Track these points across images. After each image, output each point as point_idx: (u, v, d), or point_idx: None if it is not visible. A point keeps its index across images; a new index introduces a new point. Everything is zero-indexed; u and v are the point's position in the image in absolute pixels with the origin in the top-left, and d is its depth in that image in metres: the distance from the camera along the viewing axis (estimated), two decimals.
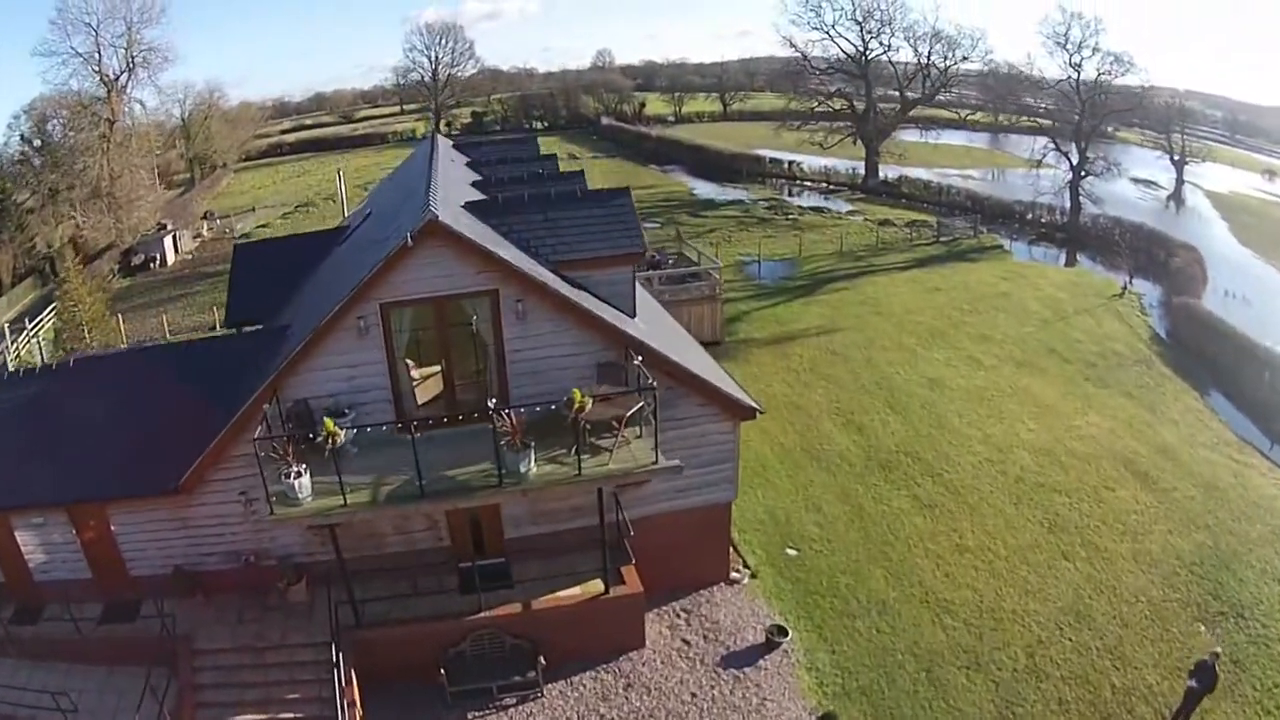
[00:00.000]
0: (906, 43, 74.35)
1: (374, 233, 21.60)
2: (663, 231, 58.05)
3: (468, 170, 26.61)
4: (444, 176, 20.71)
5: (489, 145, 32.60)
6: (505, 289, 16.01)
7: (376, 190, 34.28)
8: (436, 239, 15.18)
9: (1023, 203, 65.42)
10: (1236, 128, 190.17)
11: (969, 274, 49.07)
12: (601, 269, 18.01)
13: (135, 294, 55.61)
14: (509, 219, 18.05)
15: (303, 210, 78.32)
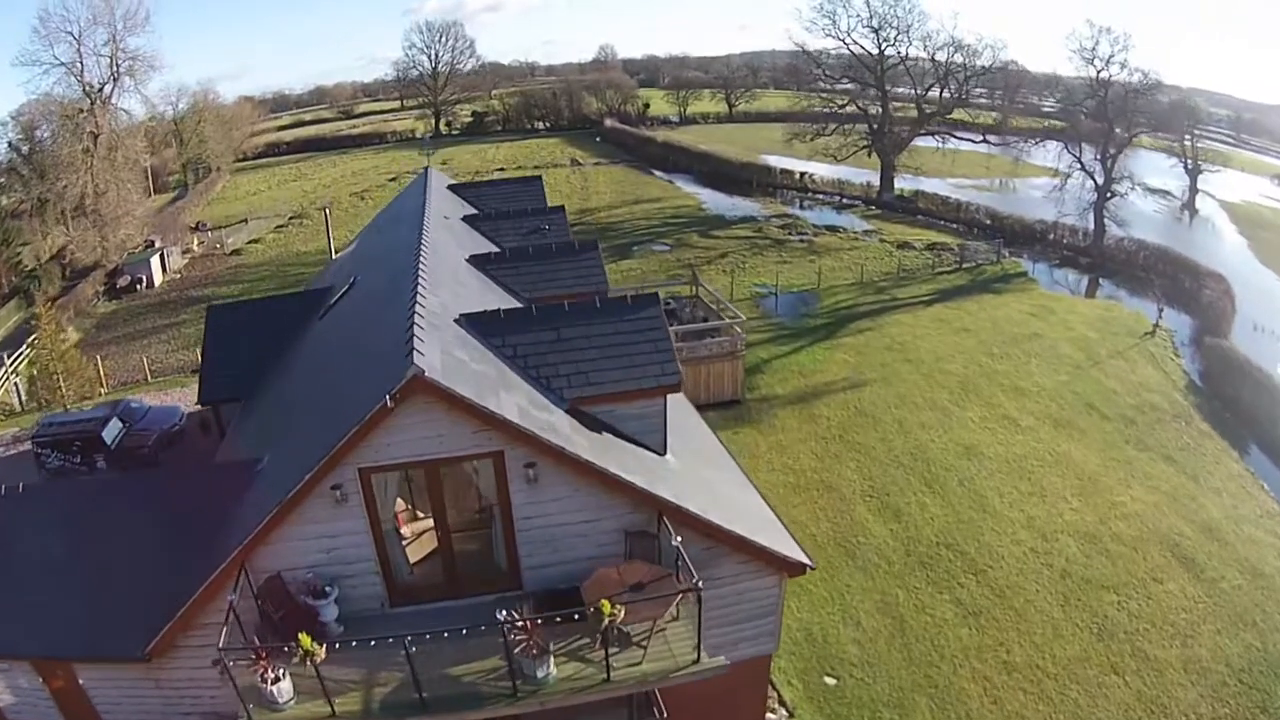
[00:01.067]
0: (924, 52, 71.39)
1: (355, 326, 18.98)
2: (673, 258, 55.53)
3: (465, 230, 23.92)
4: (434, 256, 18.06)
5: (488, 186, 29.89)
6: (512, 450, 13.39)
7: (364, 238, 31.49)
8: (423, 396, 12.55)
9: (1044, 222, 62.65)
10: (1241, 127, 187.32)
11: (996, 309, 46.50)
12: (628, 402, 15.34)
13: (119, 321, 53.09)
14: (514, 339, 15.33)
15: (296, 223, 75.67)
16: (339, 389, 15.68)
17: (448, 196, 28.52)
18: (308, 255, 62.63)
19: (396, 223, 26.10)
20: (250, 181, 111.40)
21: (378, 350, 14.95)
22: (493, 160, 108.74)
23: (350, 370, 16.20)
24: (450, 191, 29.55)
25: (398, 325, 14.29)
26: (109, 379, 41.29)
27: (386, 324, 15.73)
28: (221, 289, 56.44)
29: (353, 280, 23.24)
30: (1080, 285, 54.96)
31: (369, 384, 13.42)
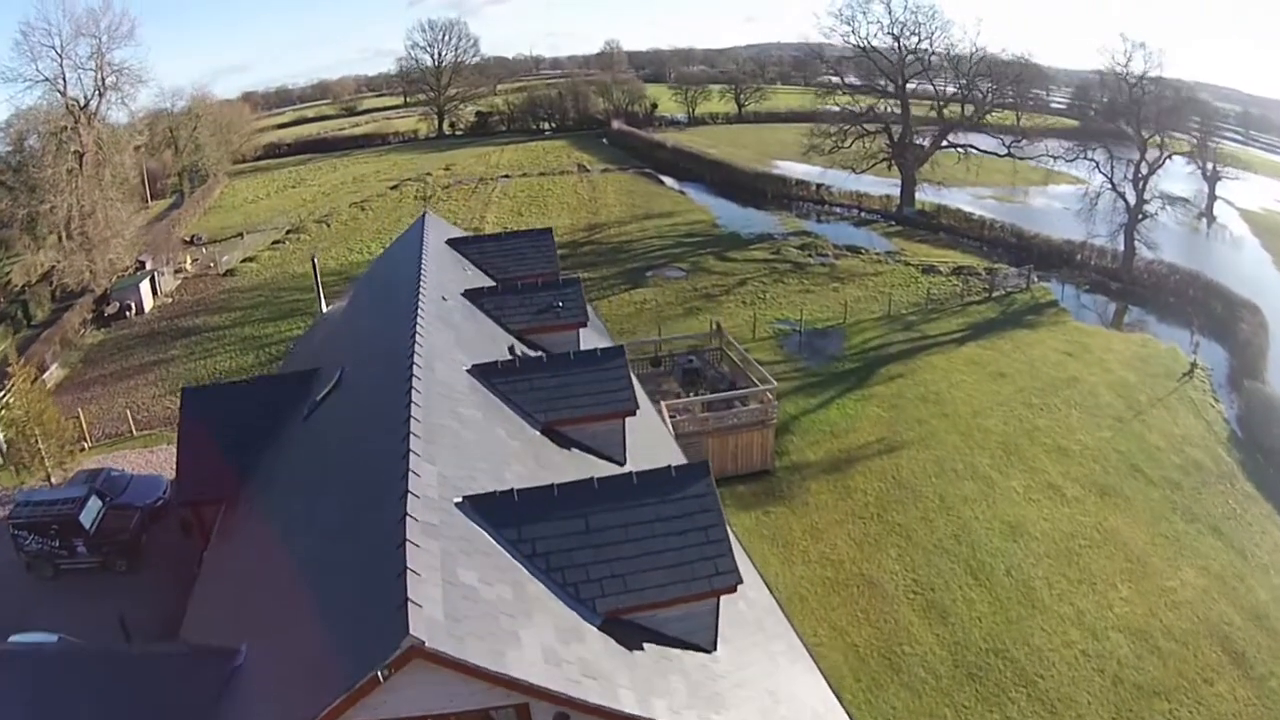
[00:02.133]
0: (946, 62, 68.11)
1: (342, 458, 16.21)
2: (689, 286, 52.65)
3: (466, 314, 21.10)
4: (428, 375, 15.31)
5: (492, 242, 27.05)
6: (538, 702, 10.60)
7: (354, 305, 28.49)
8: (421, 662, 9.75)
9: (1071, 242, 59.86)
10: (1250, 123, 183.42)
11: (1031, 347, 43.84)
12: (673, 607, 12.51)
13: (107, 354, 50.32)
14: (532, 531, 12.41)
15: (293, 238, 72.76)
16: (322, 577, 12.92)
17: (446, 257, 25.68)
18: (303, 279, 59.77)
19: (388, 298, 23.27)
20: (249, 187, 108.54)
21: (366, 536, 12.14)
22: (497, 165, 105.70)
23: (336, 543, 13.40)
24: (449, 247, 26.66)
25: (386, 511, 11.52)
26: (91, 431, 38.55)
27: (374, 482, 13.01)
28: (213, 318, 53.79)
29: (339, 376, 20.43)
30: (1111, 312, 52.59)
31: (355, 622, 10.65)
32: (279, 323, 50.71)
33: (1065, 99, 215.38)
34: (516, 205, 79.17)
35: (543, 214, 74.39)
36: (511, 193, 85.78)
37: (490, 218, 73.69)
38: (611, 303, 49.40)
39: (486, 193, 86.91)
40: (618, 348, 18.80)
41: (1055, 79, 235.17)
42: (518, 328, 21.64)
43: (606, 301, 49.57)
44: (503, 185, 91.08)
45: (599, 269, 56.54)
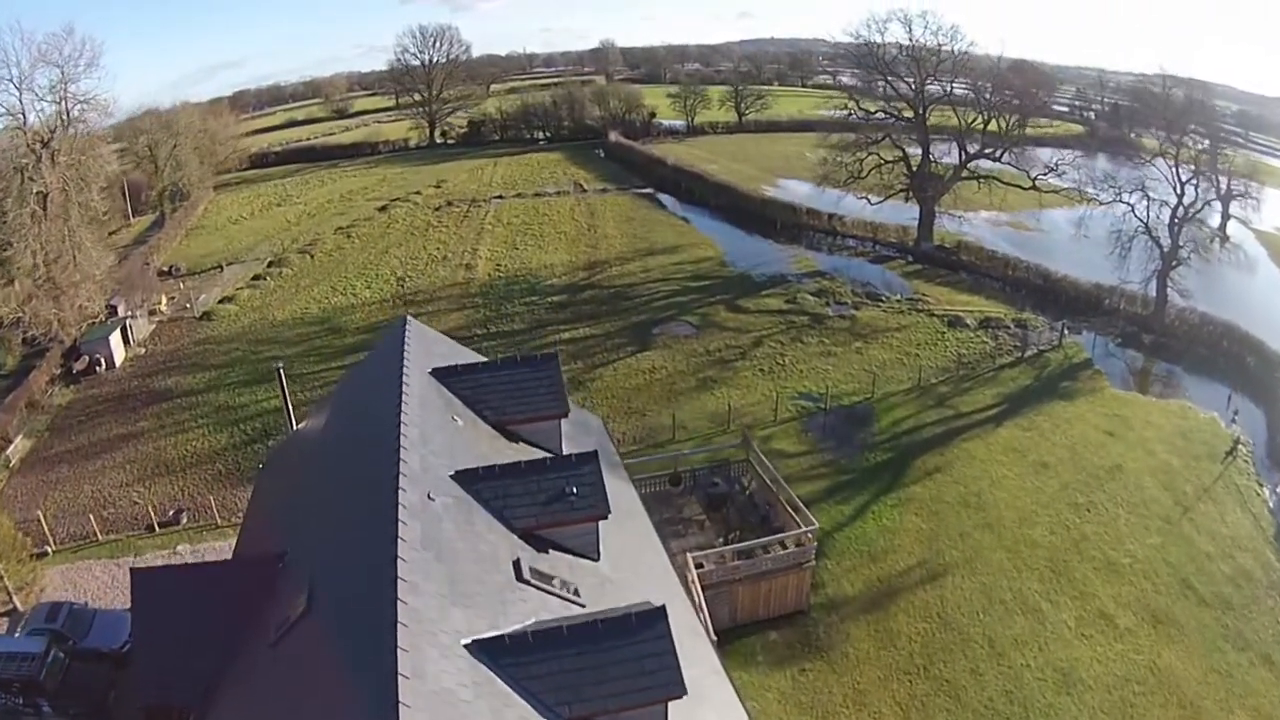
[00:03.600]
0: (970, 90, 64.38)
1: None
2: (700, 347, 48.84)
3: (459, 514, 17.35)
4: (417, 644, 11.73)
5: (487, 374, 23.04)
6: None
7: (327, 448, 24.41)
8: None
9: (1100, 286, 56.67)
10: (1248, 123, 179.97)
11: (1070, 426, 40.74)
12: None
13: (75, 420, 46.46)
14: None
15: (275, 272, 68.70)
16: None
17: (431, 401, 21.72)
18: (283, 328, 56.13)
19: (362, 465, 19.48)
20: (233, 203, 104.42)
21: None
22: (489, 183, 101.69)
23: None
24: (435, 383, 22.70)
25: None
26: (55, 531, 35.00)
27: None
28: (186, 378, 49.94)
29: (308, 595, 16.61)
30: (1146, 373, 49.49)
31: None
32: (255, 389, 46.89)
33: (1064, 98, 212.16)
34: (510, 234, 75.22)
35: (539, 246, 70.55)
36: (505, 218, 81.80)
37: (483, 252, 69.76)
38: (617, 371, 45.67)
39: (479, 218, 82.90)
40: (658, 611, 14.68)
41: (1053, 77, 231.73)
42: (525, 523, 17.86)
43: (611, 370, 45.85)
44: (496, 208, 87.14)
45: (601, 322, 52.77)
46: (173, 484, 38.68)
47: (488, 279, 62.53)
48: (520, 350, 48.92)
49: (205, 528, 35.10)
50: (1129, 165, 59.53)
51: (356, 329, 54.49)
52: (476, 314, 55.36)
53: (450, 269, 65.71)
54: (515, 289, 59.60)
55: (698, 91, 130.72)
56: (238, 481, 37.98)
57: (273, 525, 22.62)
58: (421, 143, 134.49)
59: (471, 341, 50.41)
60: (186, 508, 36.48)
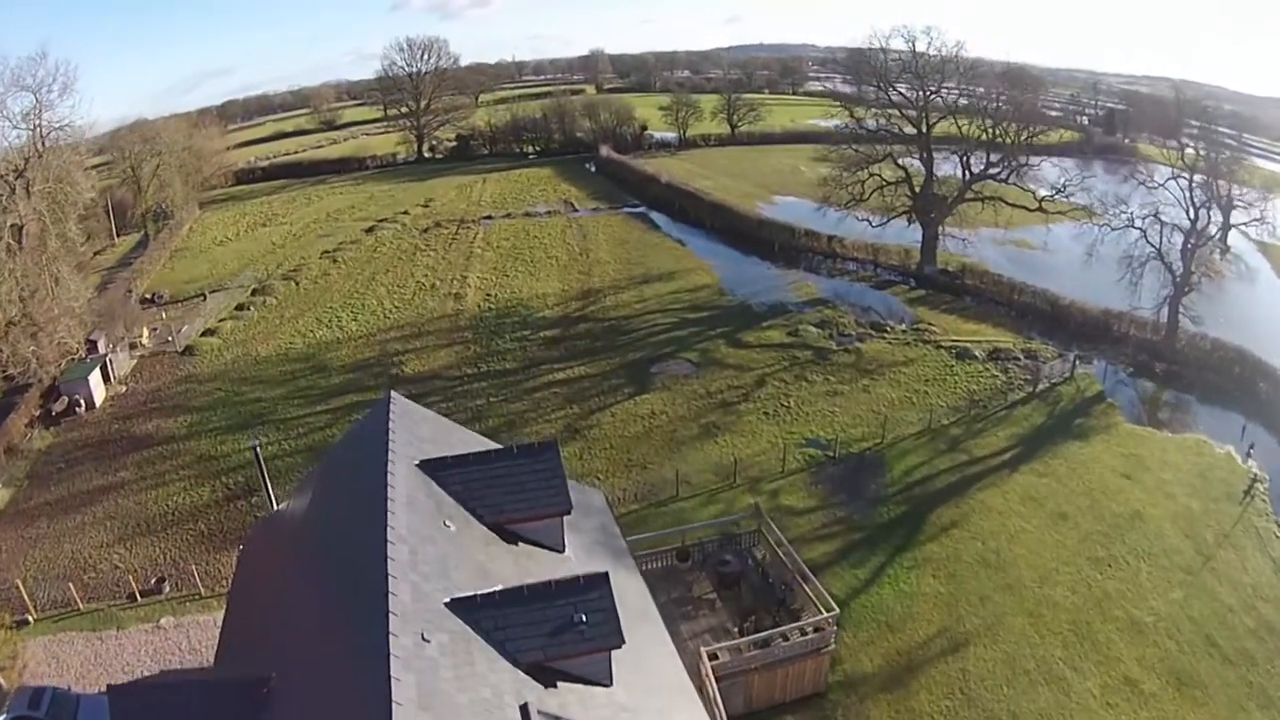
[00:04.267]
0: (974, 106, 62.85)
1: None
2: (702, 388, 47.05)
3: (452, 650, 15.55)
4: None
5: (478, 467, 21.15)
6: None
7: (307, 547, 22.51)
8: None
9: (1110, 313, 55.45)
10: (1241, 125, 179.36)
11: (1087, 469, 39.25)
12: None
13: (54, 467, 44.54)
14: None
15: (259, 301, 66.73)
16: None
17: (421, 502, 19.85)
18: (266, 366, 54.23)
19: (345, 580, 17.67)
20: (219, 222, 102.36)
21: None
22: (479, 201, 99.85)
23: None
24: (423, 477, 20.85)
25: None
26: (35, 596, 33.24)
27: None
28: (168, 421, 47.96)
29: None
30: (1159, 405, 48.17)
31: None
32: (237, 436, 44.97)
33: (1058, 102, 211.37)
34: (501, 260, 73.37)
35: (530, 273, 68.72)
36: (494, 241, 79.97)
37: (473, 279, 67.89)
38: (615, 416, 43.84)
39: (468, 240, 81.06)
40: None
41: (1043, 81, 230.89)
42: (530, 657, 16.09)
43: (609, 415, 44.01)
44: (485, 229, 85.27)
45: (597, 359, 50.97)
46: (154, 545, 36.84)
47: (477, 310, 60.66)
48: (513, 392, 47.16)
49: (188, 598, 33.30)
50: (1135, 181, 57.51)
51: (342, 367, 52.57)
52: (466, 350, 53.46)
53: (439, 299, 63.81)
54: (506, 322, 57.74)
55: (690, 104, 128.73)
56: (220, 544, 36.17)
57: (255, 637, 20.81)
58: (410, 157, 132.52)
59: (462, 383, 48.74)
60: (169, 575, 34.67)
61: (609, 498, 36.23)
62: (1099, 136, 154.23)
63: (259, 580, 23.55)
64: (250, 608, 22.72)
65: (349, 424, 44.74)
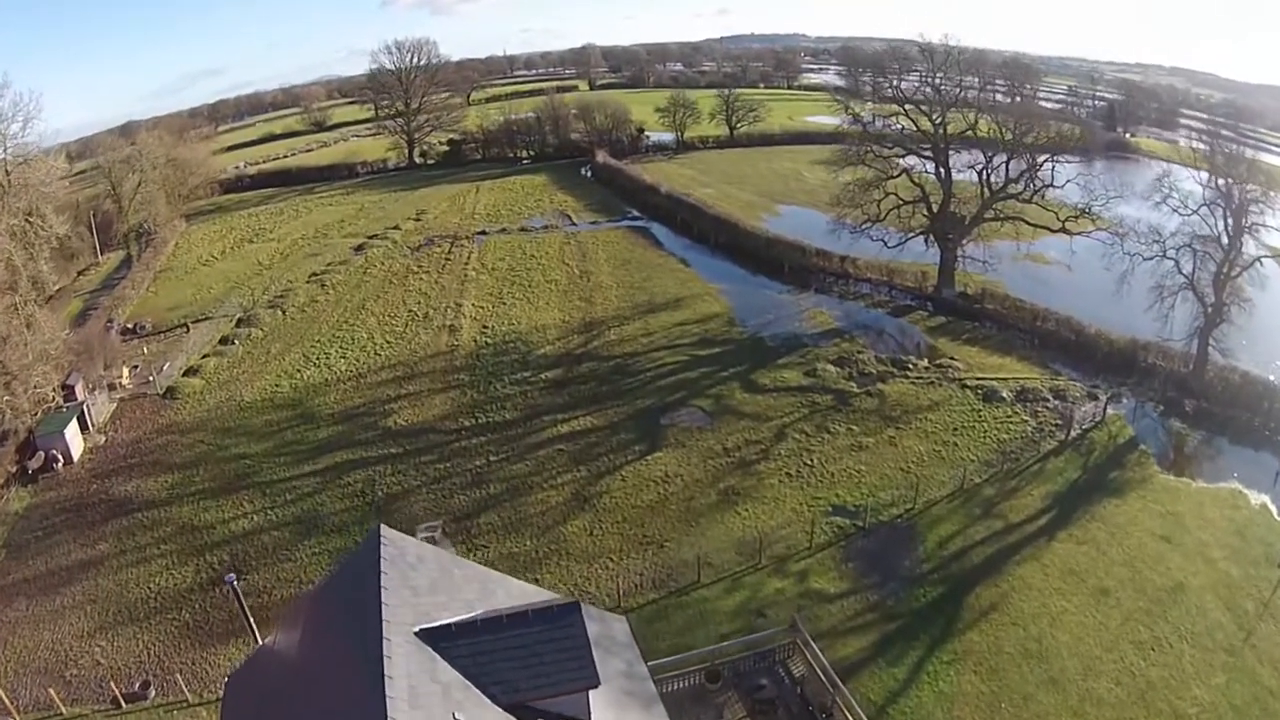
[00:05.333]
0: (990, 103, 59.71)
1: None
2: (717, 443, 44.08)
3: None
4: None
5: (488, 634, 18.07)
6: None
7: (294, 699, 19.52)
8: None
9: (1136, 342, 52.91)
10: (1239, 115, 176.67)
11: (1125, 534, 36.67)
12: None
13: (30, 538, 41.30)
14: None
15: (244, 334, 63.62)
16: None
17: (424, 681, 16.86)
18: (250, 413, 51.26)
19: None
20: (204, 238, 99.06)
21: None
22: (472, 214, 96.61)
23: None
24: (425, 649, 17.83)
25: None
26: (14, 698, 30.77)
27: None
28: (148, 482, 45.08)
29: None
30: (1191, 449, 45.40)
31: None
32: (221, 502, 42.12)
33: (1058, 92, 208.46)
34: (498, 284, 70.20)
35: (528, 301, 65.60)
36: (490, 262, 76.78)
37: (468, 308, 64.74)
38: (626, 480, 40.84)
39: (461, 260, 77.89)
40: None
41: (1039, 69, 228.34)
42: None
43: (619, 479, 41.01)
44: (479, 248, 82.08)
45: (604, 408, 47.93)
46: (137, 636, 34.10)
47: (474, 346, 57.55)
48: (515, 449, 44.16)
49: (175, 705, 30.56)
50: (1163, 204, 54.45)
51: (331, 416, 49.51)
52: (463, 396, 50.38)
53: (432, 332, 60.68)
54: (505, 361, 54.63)
55: (687, 104, 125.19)
56: (206, 639, 33.45)
57: None
58: (401, 163, 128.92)
59: (459, 437, 45.76)
60: (154, 677, 31.95)
61: (622, 586, 33.53)
62: (1100, 131, 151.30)
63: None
64: None
65: (339, 490, 41.90)
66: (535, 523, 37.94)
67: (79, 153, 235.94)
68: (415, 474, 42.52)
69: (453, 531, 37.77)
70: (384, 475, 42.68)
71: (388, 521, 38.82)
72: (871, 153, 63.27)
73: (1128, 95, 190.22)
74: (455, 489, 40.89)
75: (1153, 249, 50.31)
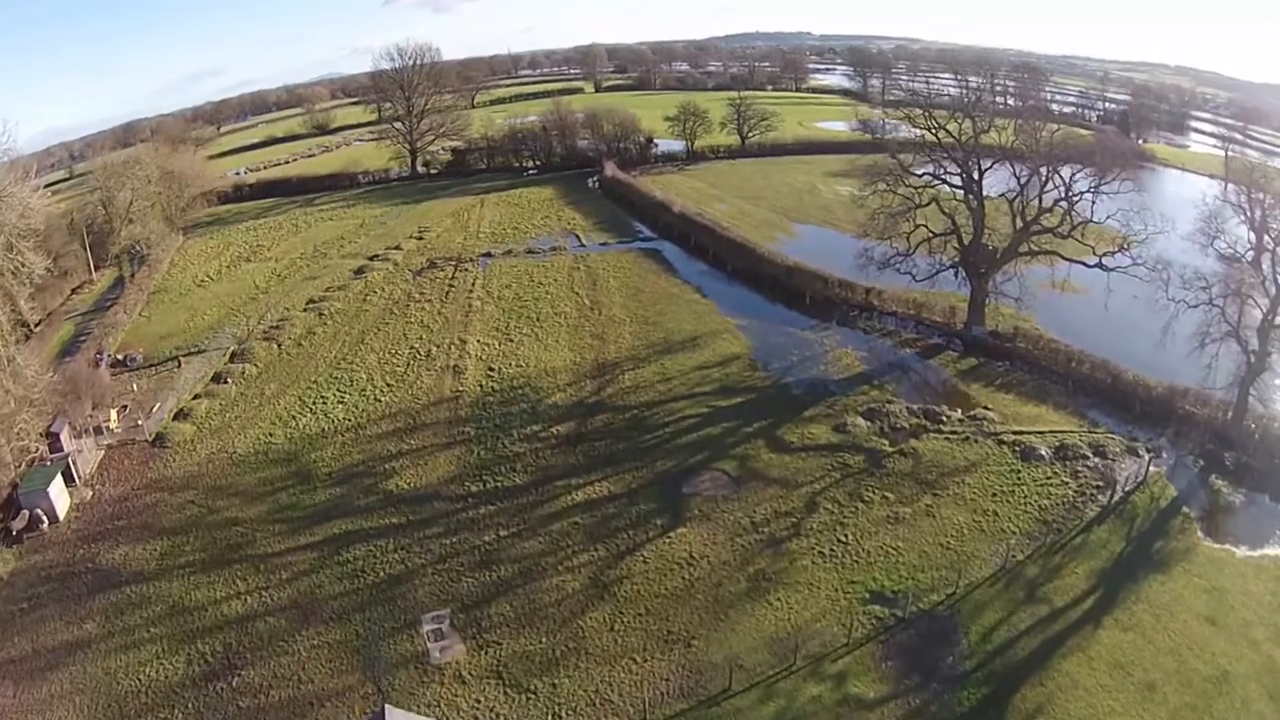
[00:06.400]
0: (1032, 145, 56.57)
1: None
2: (744, 514, 41.19)
3: None
4: None
5: None
6: None
7: None
8: None
9: (1174, 389, 49.96)
10: (1246, 116, 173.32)
11: (1171, 616, 34.29)
12: None
13: (15, 610, 38.65)
14: None
15: (237, 369, 61.06)
16: None
17: None
18: (243, 469, 48.59)
19: None
20: (201, 254, 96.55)
21: None
22: (477, 231, 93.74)
23: None
24: None
25: None
26: None
27: None
28: (136, 550, 42.44)
29: None
30: (1233, 509, 42.49)
31: None
32: (213, 578, 39.50)
33: (1070, 95, 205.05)
34: (503, 316, 67.21)
35: (536, 337, 62.67)
36: (495, 289, 73.86)
37: (473, 344, 61.80)
38: (648, 562, 37.88)
39: (466, 287, 75.01)
40: None
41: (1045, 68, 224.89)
42: None
43: (641, 560, 38.04)
44: (484, 271, 79.20)
45: (621, 470, 44.89)
46: None
47: (479, 391, 54.53)
48: (527, 522, 41.19)
49: None
50: (1210, 249, 51.46)
51: (328, 475, 46.65)
52: (469, 454, 47.36)
53: (435, 374, 57.66)
54: (513, 411, 51.58)
55: (697, 113, 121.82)
56: None
57: None
58: (403, 172, 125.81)
59: (466, 505, 42.93)
60: None
61: (648, 695, 30.66)
62: (1114, 136, 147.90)
63: None
64: None
65: (338, 569, 39.11)
66: (551, 614, 35.00)
67: (80, 153, 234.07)
68: (419, 550, 39.62)
69: (462, 624, 34.89)
70: (385, 551, 39.72)
71: (390, 608, 36.20)
72: (901, 180, 60.06)
73: (1137, 98, 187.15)
74: (463, 570, 37.97)
75: (1198, 296, 47.53)
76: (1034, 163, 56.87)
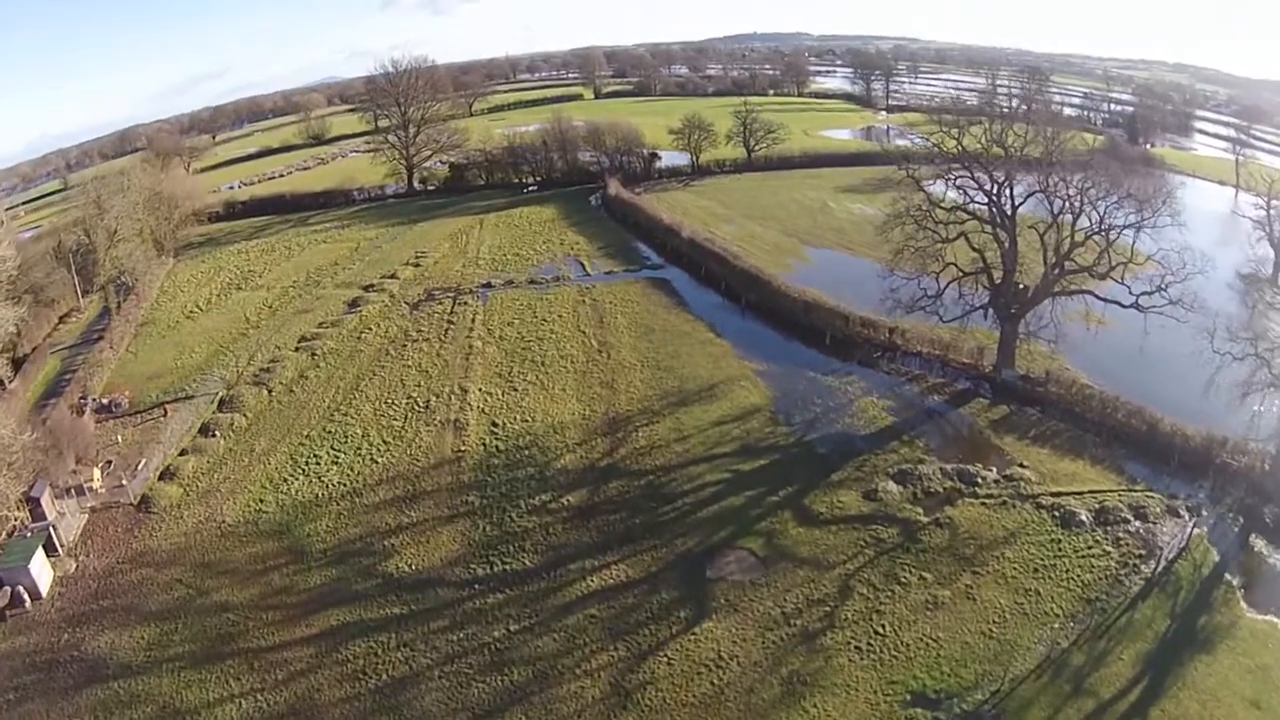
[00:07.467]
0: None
1: None
2: (774, 604, 38.32)
3: None
4: None
5: None
6: None
7: None
8: None
9: (1212, 439, 47.34)
10: (1248, 115, 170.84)
11: (1216, 702, 31.94)
12: None
13: (2, 704, 36.08)
14: None
15: (225, 419, 58.15)
16: None
17: None
18: (233, 542, 45.76)
19: None
20: (191, 280, 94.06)
21: None
22: (475, 258, 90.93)
23: None
24: None
25: None
26: None
27: None
28: (123, 636, 39.66)
29: None
30: (1275, 576, 40.07)
31: None
32: (204, 675, 36.75)
33: (1075, 95, 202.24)
34: (506, 360, 64.23)
35: (542, 384, 59.74)
36: (497, 327, 70.86)
37: (474, 395, 58.81)
38: (673, 666, 34.88)
39: (465, 324, 72.07)
40: None
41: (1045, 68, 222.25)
42: None
43: (665, 661, 35.08)
44: (484, 305, 76.20)
45: (639, 550, 41.87)
46: None
47: (483, 451, 51.47)
48: (539, 614, 38.17)
49: None
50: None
51: (323, 553, 43.70)
52: (474, 529, 44.37)
53: (435, 429, 54.62)
54: (519, 475, 48.56)
55: (702, 127, 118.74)
56: None
57: None
58: (400, 188, 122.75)
59: (472, 594, 39.94)
60: None
61: None
62: (1123, 142, 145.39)
63: None
64: None
65: (337, 669, 36.21)
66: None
67: (76, 161, 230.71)
68: (424, 647, 36.64)
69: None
70: (388, 649, 36.79)
71: (396, 718, 33.35)
72: (929, 214, 57.17)
73: (1141, 99, 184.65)
74: (472, 673, 35.00)
75: (1244, 348, 44.97)
76: (1064, 190, 54.03)
